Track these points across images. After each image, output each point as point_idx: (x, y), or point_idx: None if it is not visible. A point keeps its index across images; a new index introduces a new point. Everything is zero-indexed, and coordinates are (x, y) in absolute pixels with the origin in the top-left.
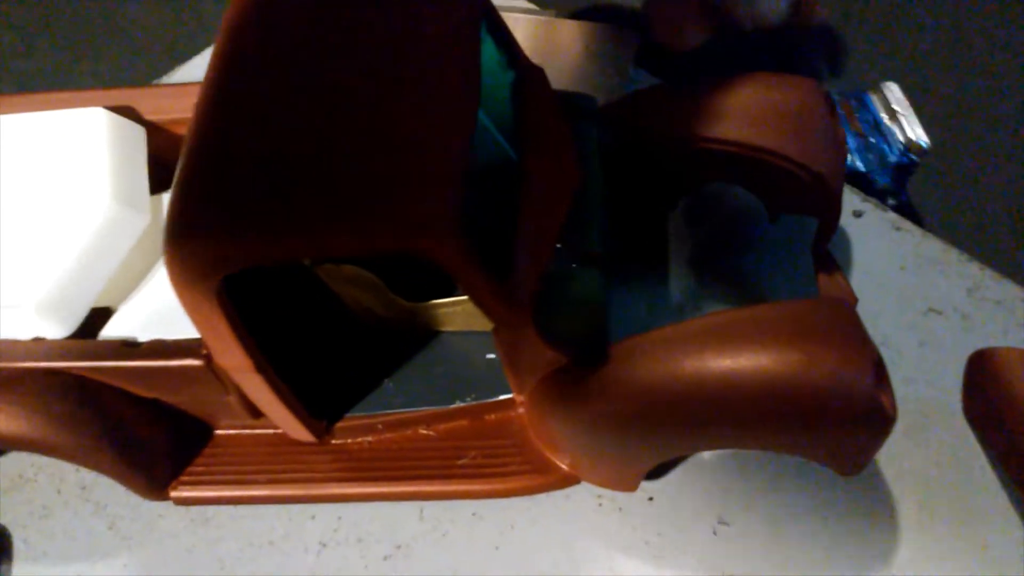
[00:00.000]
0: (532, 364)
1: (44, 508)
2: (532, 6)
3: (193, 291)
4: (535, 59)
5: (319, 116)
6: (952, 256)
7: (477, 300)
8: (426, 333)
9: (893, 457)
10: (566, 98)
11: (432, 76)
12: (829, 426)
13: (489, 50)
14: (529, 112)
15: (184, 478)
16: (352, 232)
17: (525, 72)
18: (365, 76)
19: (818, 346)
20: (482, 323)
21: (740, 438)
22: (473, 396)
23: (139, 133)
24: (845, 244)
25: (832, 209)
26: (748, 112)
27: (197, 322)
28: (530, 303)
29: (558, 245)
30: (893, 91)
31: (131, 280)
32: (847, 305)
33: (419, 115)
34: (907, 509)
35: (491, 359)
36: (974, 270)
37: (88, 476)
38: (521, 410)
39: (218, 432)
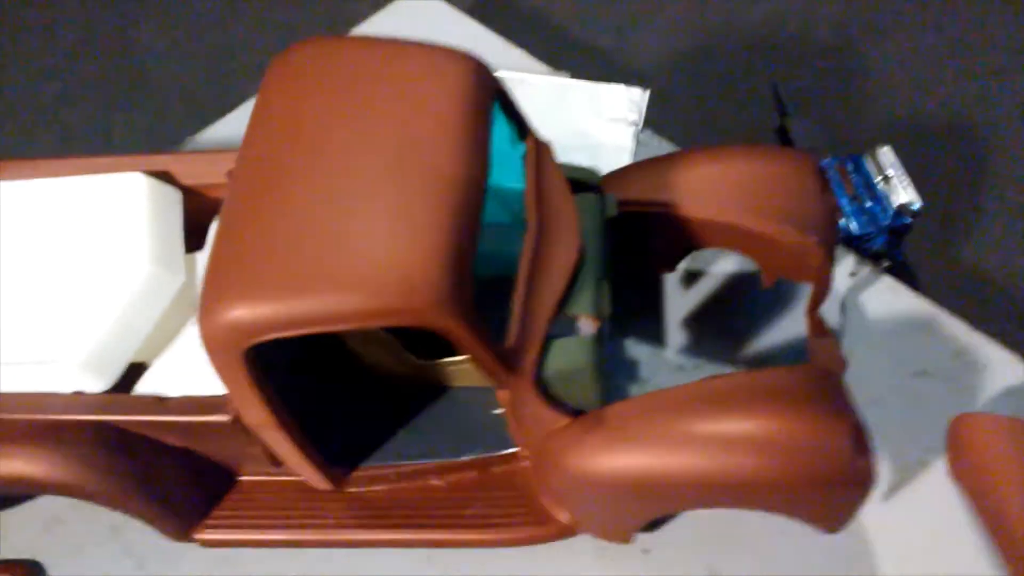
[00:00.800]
0: (534, 423)
1: (76, 547)
2: (546, 68)
3: (223, 357)
4: (547, 119)
5: (335, 199)
6: (941, 319)
7: (480, 365)
8: (438, 388)
9: (878, 513)
10: (572, 172)
11: (443, 156)
12: (809, 488)
13: (501, 127)
14: (536, 185)
15: (209, 521)
16: (359, 308)
17: (534, 146)
18: (376, 160)
19: (798, 412)
20: (494, 385)
21: (726, 499)
22: (481, 449)
23: (175, 196)
24: (840, 305)
25: (823, 276)
26: (741, 182)
27: (227, 384)
28: (531, 368)
29: (559, 312)
30: (887, 155)
31: (165, 336)
32: (832, 373)
33: (427, 201)
34: (888, 564)
35: (497, 414)
36: (961, 333)
37: (119, 518)
38: (526, 463)
39: (242, 478)
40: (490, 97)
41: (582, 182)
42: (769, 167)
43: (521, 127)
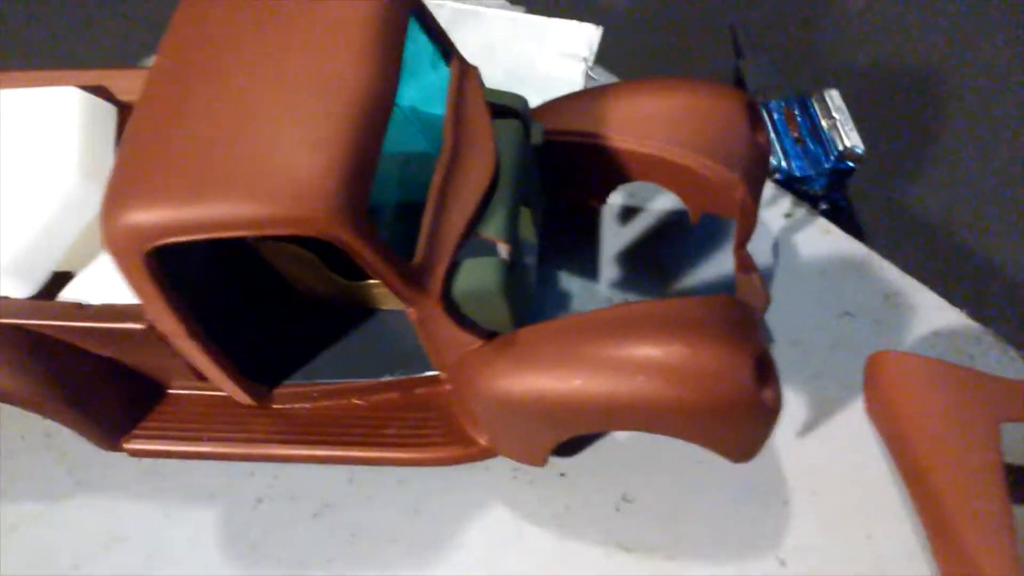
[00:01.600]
0: (448, 344)
1: (10, 451)
2: (503, 1)
3: (126, 261)
4: (499, 52)
5: (240, 111)
6: (873, 262)
7: (382, 279)
8: (362, 310)
9: (793, 448)
10: (497, 97)
11: (348, 69)
12: (712, 415)
13: (423, 47)
14: (455, 107)
15: (137, 432)
16: (256, 214)
17: (458, 69)
18: (284, 74)
19: (703, 339)
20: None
21: (633, 422)
22: (403, 371)
23: (110, 112)
24: (772, 244)
25: (747, 212)
26: (669, 115)
27: (132, 288)
28: (439, 287)
29: (470, 234)
30: (833, 98)
31: (91, 248)
32: (745, 304)
33: (329, 112)
34: (799, 498)
35: None
36: (893, 276)
37: (52, 426)
38: (447, 387)
39: (170, 391)
40: (405, 14)
41: (510, 108)
42: (698, 101)
43: (445, 50)
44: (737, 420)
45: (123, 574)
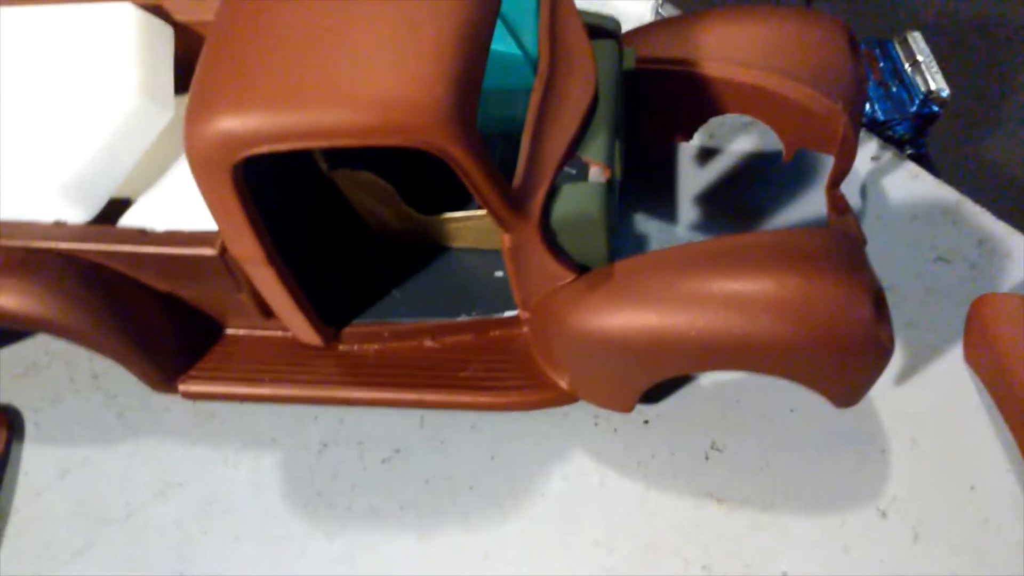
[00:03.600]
0: (538, 279)
1: (56, 394)
2: None
3: (209, 172)
4: None
5: (334, 17)
6: (965, 207)
7: (483, 200)
8: (437, 247)
9: (890, 396)
10: (591, 18)
11: None
12: (826, 352)
13: None
14: (550, 26)
15: (193, 373)
16: (358, 121)
17: None
18: None
19: (820, 272)
20: (492, 241)
21: (738, 361)
22: (479, 311)
23: (167, 31)
24: (860, 188)
25: (847, 147)
26: (767, 43)
27: (212, 205)
28: (538, 212)
29: (569, 159)
30: (917, 41)
31: (151, 174)
32: (853, 237)
33: (435, 18)
34: (898, 447)
35: (498, 277)
36: (986, 222)
37: (100, 365)
38: (525, 328)
39: (228, 331)
40: None
41: (602, 29)
42: (798, 29)
43: None
44: (852, 359)
45: (180, 520)
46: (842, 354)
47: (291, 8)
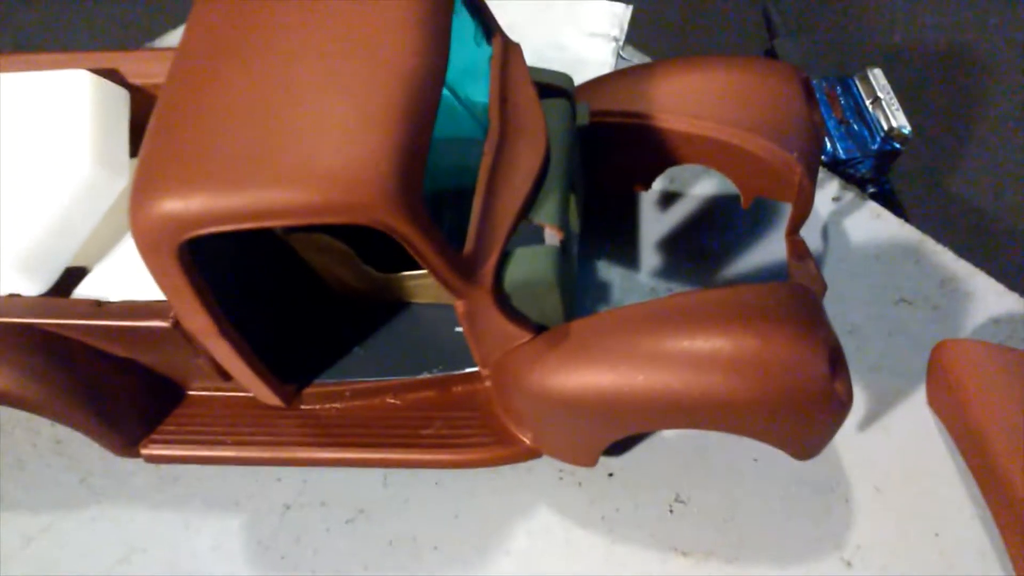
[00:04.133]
0: (495, 339)
1: (19, 460)
2: None
3: (155, 253)
4: (527, 32)
5: (279, 92)
6: (927, 247)
7: (433, 271)
8: (396, 304)
9: (853, 443)
10: (542, 75)
11: (396, 50)
12: (783, 410)
13: (465, 24)
14: (501, 87)
15: (155, 436)
16: (301, 201)
17: (501, 47)
18: (325, 52)
19: (775, 331)
20: (451, 296)
21: (695, 419)
22: (440, 368)
23: (122, 96)
24: (822, 230)
25: (804, 196)
26: (723, 94)
27: (161, 284)
28: (491, 277)
29: (521, 222)
30: (878, 77)
31: (106, 241)
32: (810, 291)
33: (377, 90)
34: (862, 495)
35: (459, 332)
36: (948, 261)
37: (62, 431)
38: (487, 383)
39: (190, 393)
40: None
41: (554, 87)
42: (751, 79)
43: (488, 27)
44: (808, 414)
45: None
46: (799, 411)
47: (237, 80)
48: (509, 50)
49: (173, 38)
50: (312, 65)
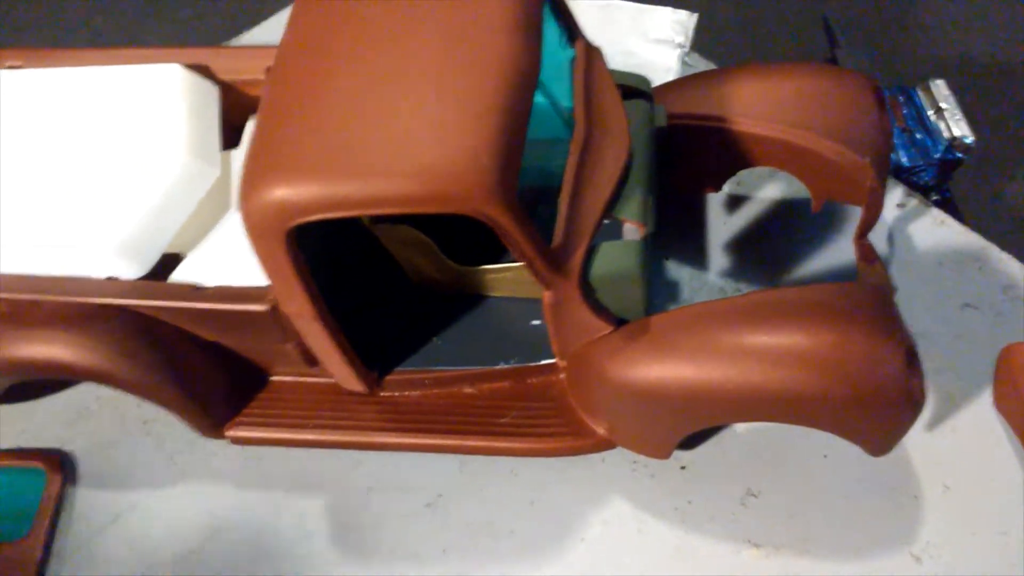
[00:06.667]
0: (576, 330)
1: (108, 440)
2: None
3: (264, 238)
4: (593, 40)
5: (383, 87)
6: (991, 253)
7: (526, 261)
8: (475, 296)
9: (921, 442)
10: (621, 78)
11: (494, 51)
12: (859, 405)
13: (550, 28)
14: (585, 89)
15: (240, 419)
16: (407, 191)
17: (583, 50)
18: (427, 51)
19: (853, 328)
20: (528, 290)
21: (772, 413)
22: (517, 359)
23: (213, 91)
24: (887, 236)
25: (875, 200)
26: (796, 99)
27: (267, 267)
28: (578, 270)
29: (606, 218)
30: (940, 87)
31: (200, 229)
32: (884, 291)
33: (478, 88)
34: (931, 493)
35: (535, 325)
36: (1012, 268)
37: (150, 411)
38: (562, 375)
39: (273, 379)
40: None
41: (633, 88)
42: (825, 85)
43: (571, 31)
44: (884, 412)
45: (229, 562)
46: (874, 407)
47: (342, 75)
48: (591, 53)
49: (245, 39)
50: (415, 63)
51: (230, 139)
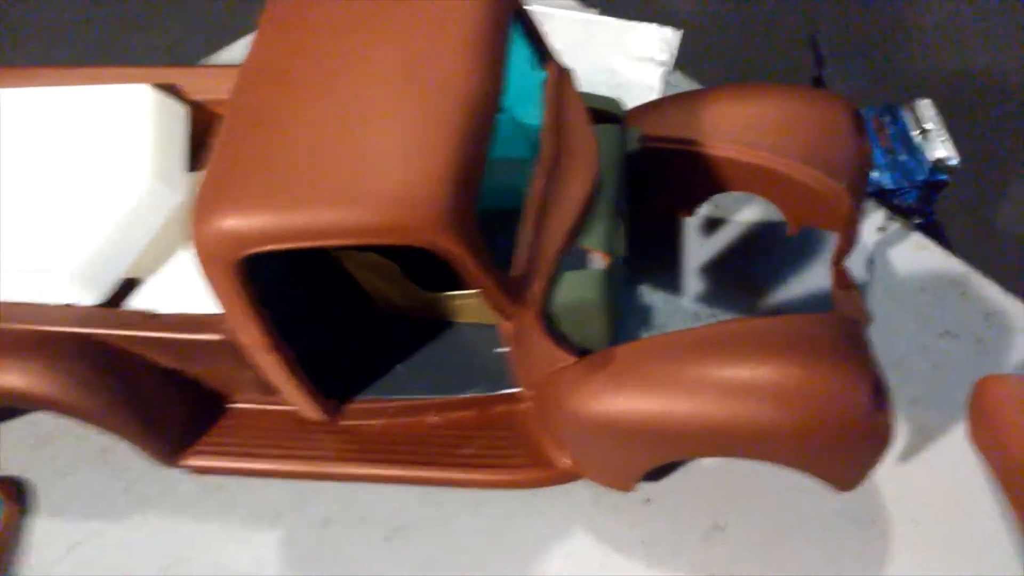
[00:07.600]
0: (538, 361)
1: (65, 468)
2: (575, 3)
3: (215, 268)
4: (574, 57)
5: (340, 115)
6: (973, 280)
7: (483, 292)
8: (439, 323)
9: (894, 475)
10: (594, 101)
11: (454, 74)
12: (824, 441)
13: (520, 49)
14: (554, 111)
15: (198, 447)
16: (357, 223)
17: (555, 72)
18: (385, 76)
19: (819, 361)
20: (494, 317)
21: (737, 448)
22: (482, 387)
23: (182, 112)
24: (866, 260)
25: (851, 226)
26: (772, 123)
27: (219, 297)
28: (539, 300)
29: (570, 246)
30: (926, 107)
31: (161, 254)
32: (854, 322)
33: (436, 114)
34: (901, 528)
35: (500, 352)
36: (994, 295)
37: (109, 440)
38: (527, 404)
39: (233, 406)
40: (508, 15)
41: (604, 112)
42: (801, 108)
43: (542, 53)
44: (850, 446)
45: None
46: (840, 442)
47: (299, 102)
48: (562, 75)
49: (224, 56)
50: (371, 88)
51: (201, 160)
